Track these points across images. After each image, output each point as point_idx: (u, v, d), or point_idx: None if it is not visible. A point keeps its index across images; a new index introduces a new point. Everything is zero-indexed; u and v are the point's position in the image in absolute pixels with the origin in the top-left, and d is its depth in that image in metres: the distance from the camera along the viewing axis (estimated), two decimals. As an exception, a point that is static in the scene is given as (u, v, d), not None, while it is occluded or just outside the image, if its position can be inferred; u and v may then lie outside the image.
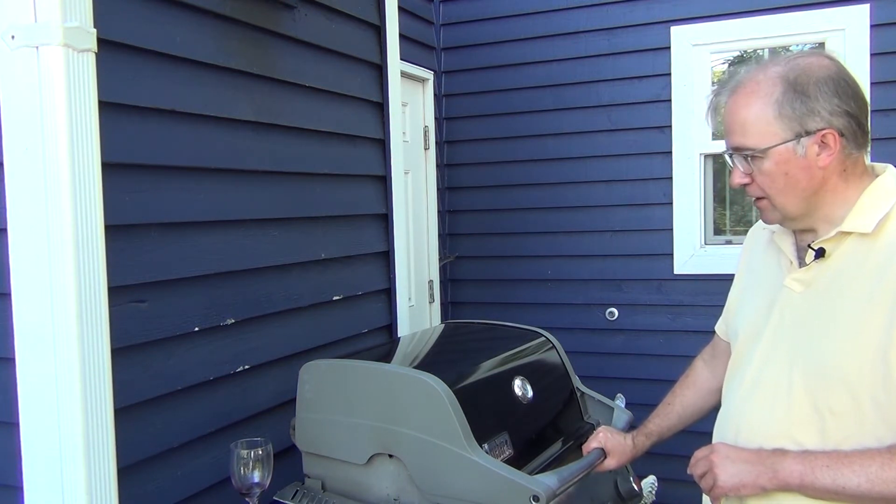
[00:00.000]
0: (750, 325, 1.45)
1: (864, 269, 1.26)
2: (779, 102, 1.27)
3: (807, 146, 1.27)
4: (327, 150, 2.54)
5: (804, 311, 1.33)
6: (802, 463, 1.27)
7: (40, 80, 1.51)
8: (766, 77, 1.29)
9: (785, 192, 1.31)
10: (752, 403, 1.39)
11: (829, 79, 1.26)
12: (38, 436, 1.57)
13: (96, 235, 1.58)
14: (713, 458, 1.37)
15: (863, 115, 1.28)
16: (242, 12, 2.12)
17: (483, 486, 1.63)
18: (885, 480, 1.20)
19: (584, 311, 3.81)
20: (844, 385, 1.25)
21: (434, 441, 1.68)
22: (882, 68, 3.34)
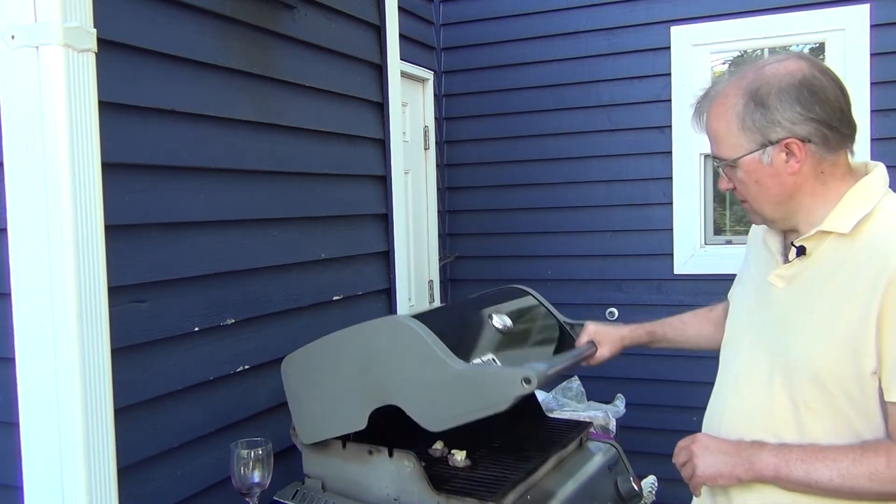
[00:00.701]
0: (738, 318, 1.49)
1: (841, 268, 1.28)
2: (740, 116, 1.31)
3: (772, 155, 1.30)
4: (327, 150, 2.54)
5: (784, 307, 1.36)
6: (777, 456, 1.30)
7: (40, 80, 1.51)
8: (733, 90, 1.33)
9: (758, 199, 1.36)
10: (734, 395, 1.42)
11: (791, 87, 1.28)
12: (38, 436, 1.57)
13: (96, 235, 1.58)
14: (693, 447, 1.41)
15: (834, 118, 1.28)
16: (242, 12, 2.12)
17: (477, 389, 1.60)
18: (856, 476, 1.23)
19: (584, 311, 3.81)
20: (818, 380, 1.28)
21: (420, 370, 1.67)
22: (882, 68, 3.34)
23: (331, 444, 1.88)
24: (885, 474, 1.22)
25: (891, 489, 1.23)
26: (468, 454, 1.98)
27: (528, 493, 1.85)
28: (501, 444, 2.11)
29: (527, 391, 1.52)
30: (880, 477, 1.22)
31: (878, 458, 1.23)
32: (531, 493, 1.86)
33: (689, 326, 1.83)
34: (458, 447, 2.02)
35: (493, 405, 1.58)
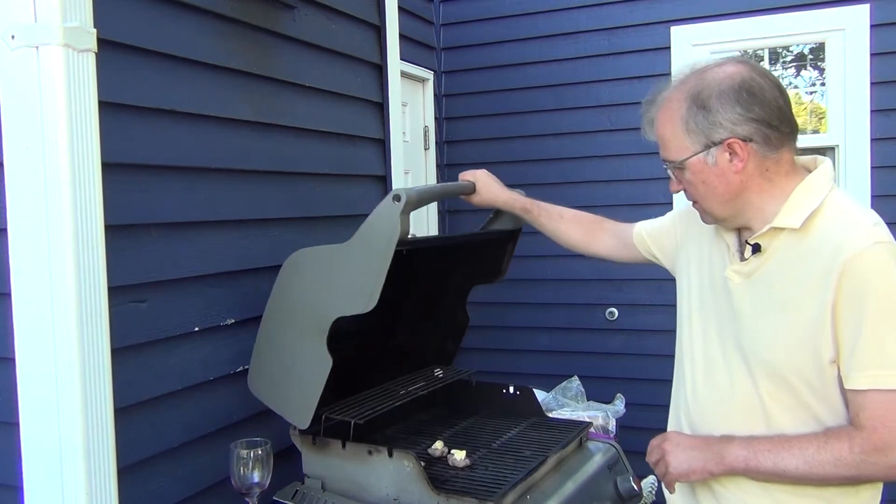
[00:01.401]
0: (693, 313, 1.53)
1: (795, 262, 1.34)
2: (684, 119, 1.37)
3: (716, 156, 1.35)
4: (327, 150, 2.54)
5: (743, 303, 1.40)
6: (746, 448, 1.35)
7: (40, 80, 1.51)
8: (676, 95, 1.39)
9: (706, 198, 1.41)
10: (702, 391, 1.47)
11: (730, 89, 1.33)
12: (38, 436, 1.57)
13: (96, 235, 1.58)
14: (665, 445, 1.46)
15: (773, 118, 1.33)
16: (242, 12, 2.12)
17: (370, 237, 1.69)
18: (821, 462, 1.28)
19: (584, 311, 3.81)
20: (780, 372, 1.34)
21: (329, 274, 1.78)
22: (882, 68, 3.34)
23: (331, 444, 1.89)
24: (848, 459, 1.27)
25: (855, 473, 1.28)
26: (468, 454, 1.98)
27: (528, 493, 1.85)
28: (501, 445, 2.11)
29: (401, 206, 1.64)
30: (844, 462, 1.27)
31: (841, 443, 1.28)
32: (531, 493, 1.87)
33: (563, 223, 1.96)
34: (458, 447, 2.02)
35: (390, 237, 1.66)
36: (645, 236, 1.78)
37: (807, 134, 3.72)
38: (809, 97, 3.78)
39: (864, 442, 1.26)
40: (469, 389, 2.41)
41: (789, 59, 3.83)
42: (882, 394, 1.25)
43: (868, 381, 1.26)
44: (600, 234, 1.92)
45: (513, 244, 2.25)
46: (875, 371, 1.25)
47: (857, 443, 1.26)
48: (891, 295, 1.25)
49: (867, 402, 1.26)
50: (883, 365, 1.25)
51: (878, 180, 3.39)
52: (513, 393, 2.37)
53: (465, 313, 2.41)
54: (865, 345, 1.25)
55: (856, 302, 1.25)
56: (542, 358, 3.88)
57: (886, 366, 1.25)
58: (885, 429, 1.25)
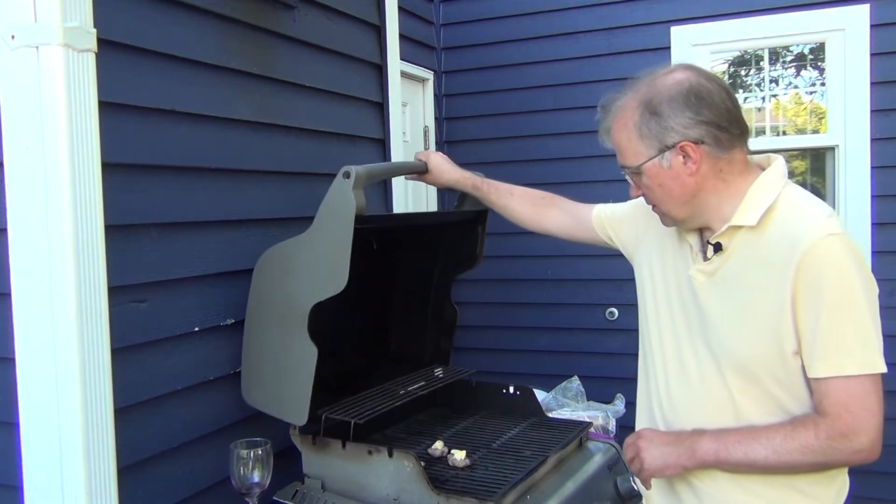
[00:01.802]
0: (659, 313, 1.56)
1: (753, 258, 1.38)
2: (637, 125, 1.42)
3: (670, 159, 1.40)
4: (327, 150, 2.53)
5: (707, 301, 1.44)
6: (717, 441, 1.39)
7: (40, 80, 1.51)
8: (629, 103, 1.45)
9: (664, 201, 1.45)
10: (675, 388, 1.50)
11: (679, 95, 1.38)
12: (37, 436, 1.57)
13: (96, 235, 1.58)
14: (639, 443, 1.50)
15: (722, 119, 1.38)
16: (242, 12, 2.12)
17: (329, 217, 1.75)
18: (789, 451, 1.32)
19: (584, 311, 3.81)
20: (746, 366, 1.38)
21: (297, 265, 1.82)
22: (882, 68, 3.34)
23: (331, 444, 1.89)
24: (814, 446, 1.30)
25: (821, 459, 1.32)
26: (468, 454, 1.98)
27: (528, 493, 1.85)
28: (501, 445, 2.11)
29: (351, 182, 1.70)
30: (811, 449, 1.31)
31: (807, 431, 1.31)
32: (531, 493, 1.87)
33: (513, 200, 2.03)
34: (458, 447, 2.02)
35: (346, 213, 1.71)
36: (604, 219, 1.82)
37: (807, 134, 3.72)
38: (809, 97, 3.78)
39: (828, 428, 1.30)
40: (469, 389, 2.41)
41: (789, 59, 3.83)
42: (843, 380, 1.29)
43: (829, 369, 1.30)
44: (551, 211, 1.98)
45: (482, 227, 2.28)
46: (835, 359, 1.29)
47: (822, 429, 1.30)
48: (846, 284, 1.29)
49: (830, 389, 1.30)
50: (843, 352, 1.29)
51: (878, 180, 3.39)
52: (513, 393, 2.37)
53: (453, 306, 2.43)
54: (825, 334, 1.29)
55: (813, 293, 1.29)
56: (542, 358, 3.88)
57: (846, 353, 1.29)
58: (848, 414, 1.29)
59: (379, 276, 2.39)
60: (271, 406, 1.90)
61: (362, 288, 2.15)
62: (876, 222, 3.39)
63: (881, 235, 3.38)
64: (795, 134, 3.78)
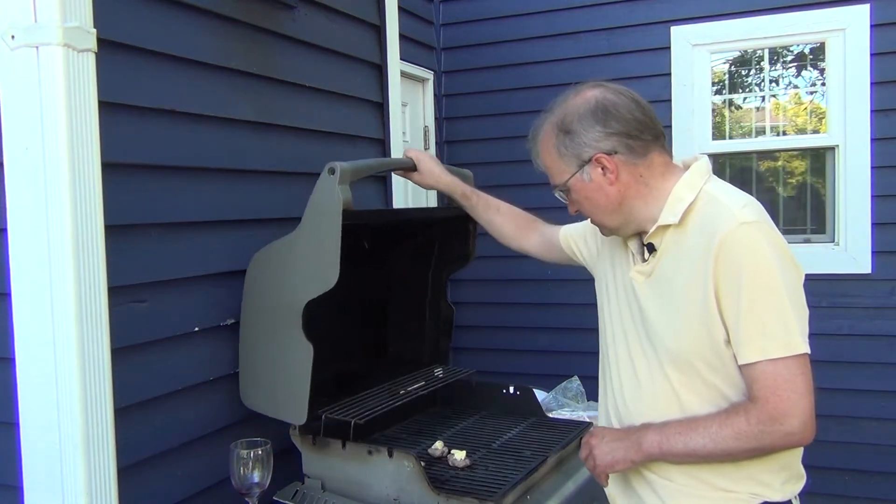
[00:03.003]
0: (611, 316, 1.61)
1: (680, 255, 1.43)
2: (556, 146, 1.50)
3: (590, 172, 1.47)
4: (327, 150, 2.53)
5: (646, 300, 1.49)
6: (660, 433, 1.43)
7: (40, 80, 1.51)
8: (548, 127, 1.52)
9: (595, 212, 1.53)
10: (626, 387, 1.54)
11: (587, 111, 1.45)
12: (37, 436, 1.57)
13: (96, 235, 1.58)
14: (591, 441, 1.55)
15: (633, 129, 1.44)
16: (242, 12, 2.12)
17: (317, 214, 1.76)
18: (724, 438, 1.35)
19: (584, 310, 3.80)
20: (683, 359, 1.42)
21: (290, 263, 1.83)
22: (882, 68, 3.34)
23: (330, 444, 1.89)
24: (746, 431, 1.33)
25: (755, 445, 1.35)
26: (468, 454, 1.98)
27: (528, 493, 1.86)
28: (501, 445, 2.11)
29: (337, 177, 1.71)
30: (744, 434, 1.33)
31: (739, 417, 1.34)
32: (531, 493, 1.87)
33: (499, 216, 2.06)
34: (458, 447, 2.02)
35: (333, 209, 1.72)
36: (569, 237, 1.89)
37: (807, 134, 3.72)
38: (809, 97, 3.78)
39: (759, 413, 1.32)
40: (469, 389, 2.41)
41: (789, 59, 3.83)
42: (770, 364, 1.32)
43: (755, 353, 1.33)
44: (531, 234, 2.03)
45: (473, 224, 2.27)
46: (759, 343, 1.33)
47: (752, 415, 1.33)
48: (762, 270, 1.33)
49: (757, 373, 1.33)
50: (765, 336, 1.32)
51: (878, 180, 3.39)
52: (513, 393, 2.38)
53: (449, 305, 2.43)
54: (746, 320, 1.33)
55: (732, 281, 1.33)
56: (542, 358, 3.88)
57: (768, 337, 1.32)
58: (776, 398, 1.31)
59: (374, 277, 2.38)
60: (270, 408, 1.90)
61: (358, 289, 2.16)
62: (876, 222, 3.39)
63: (881, 235, 3.38)
64: (795, 134, 3.78)
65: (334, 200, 1.72)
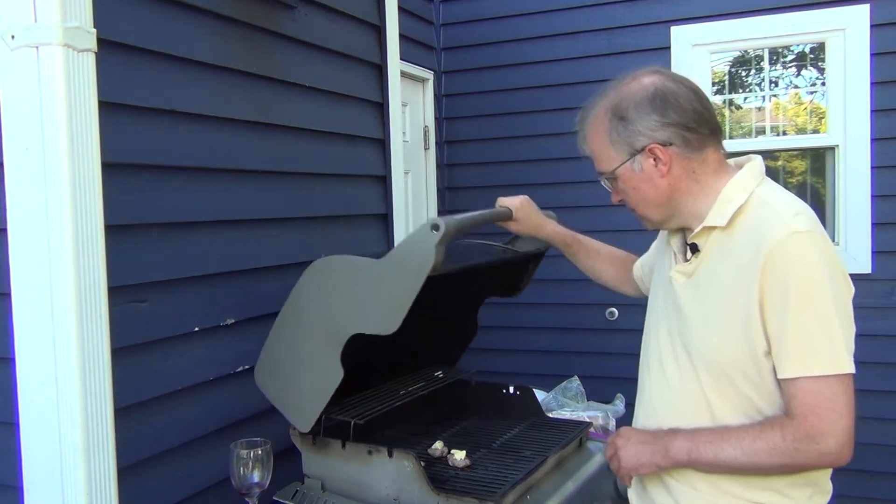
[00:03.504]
0: (651, 312, 1.58)
1: (725, 259, 1.38)
2: (607, 131, 1.45)
3: (641, 162, 1.42)
4: (327, 150, 2.54)
5: (685, 301, 1.45)
6: (689, 440, 1.39)
7: (40, 80, 1.51)
8: (600, 111, 1.47)
9: (640, 204, 1.48)
10: (653, 388, 1.52)
11: (645, 99, 1.40)
12: (37, 436, 1.57)
13: (96, 235, 1.58)
14: (617, 441, 1.51)
15: (690, 121, 1.39)
16: (242, 12, 2.12)
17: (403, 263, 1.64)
18: (756, 452, 1.31)
19: (584, 310, 3.81)
20: (719, 367, 1.38)
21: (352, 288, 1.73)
22: (882, 68, 3.34)
23: (330, 444, 1.89)
24: (781, 447, 1.29)
25: (788, 461, 1.31)
26: (468, 454, 1.98)
27: (527, 493, 1.85)
28: (501, 445, 2.11)
29: (439, 236, 1.58)
30: (778, 450, 1.30)
31: (774, 432, 1.30)
32: (531, 493, 1.87)
33: (599, 260, 1.99)
34: (458, 447, 2.02)
35: (423, 263, 1.61)
36: (638, 269, 1.86)
37: (807, 134, 3.72)
38: (809, 97, 3.78)
39: (795, 430, 1.28)
40: (469, 389, 2.41)
41: (789, 59, 3.83)
42: (811, 381, 1.28)
43: (797, 369, 1.29)
44: (627, 275, 1.94)
45: (535, 264, 2.22)
46: (802, 359, 1.28)
47: (788, 431, 1.29)
48: (812, 282, 1.28)
49: (797, 390, 1.29)
50: (810, 352, 1.28)
51: (878, 180, 3.39)
52: (513, 393, 2.37)
53: (475, 324, 2.40)
54: (792, 334, 1.28)
55: (779, 293, 1.28)
56: (542, 358, 3.88)
57: (813, 352, 1.28)
58: (814, 416, 1.27)
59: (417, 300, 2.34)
60: (280, 401, 1.89)
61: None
62: (876, 222, 3.39)
63: (881, 235, 3.38)
64: (795, 134, 3.78)
65: (427, 259, 1.62)
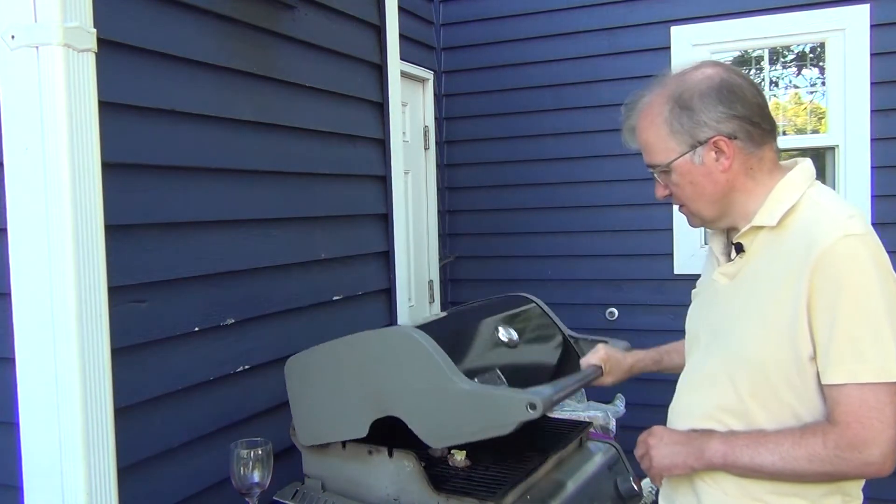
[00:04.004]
0: (692, 322, 1.55)
1: (773, 260, 1.34)
2: (668, 121, 1.38)
3: (703, 155, 1.37)
4: (327, 150, 2.54)
5: (728, 303, 1.42)
6: (725, 443, 1.35)
7: (40, 80, 1.51)
8: (657, 99, 1.40)
9: (695, 199, 1.42)
10: (689, 391, 1.48)
11: (710, 89, 1.35)
12: (37, 436, 1.57)
13: (96, 235, 1.58)
14: (649, 440, 1.47)
15: (755, 115, 1.36)
16: (242, 12, 2.12)
17: (480, 410, 1.59)
18: (796, 458, 1.28)
19: (584, 311, 3.81)
20: (761, 370, 1.33)
21: (424, 387, 1.66)
22: (882, 68, 3.34)
23: (330, 445, 1.88)
24: (822, 455, 1.26)
25: (829, 469, 1.27)
26: (468, 454, 1.98)
27: (527, 493, 1.85)
28: (501, 444, 2.11)
29: (532, 417, 1.51)
30: (818, 457, 1.26)
31: (816, 439, 1.27)
32: (531, 493, 1.86)
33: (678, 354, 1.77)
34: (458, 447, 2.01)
35: (497, 428, 1.58)
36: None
37: (807, 134, 3.72)
38: (809, 97, 3.78)
39: (838, 438, 1.25)
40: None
41: (789, 59, 3.83)
42: (857, 388, 1.24)
43: (844, 375, 1.25)
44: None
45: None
46: (850, 365, 1.24)
47: (830, 438, 1.25)
48: (863, 286, 1.25)
49: (842, 397, 1.25)
50: (858, 359, 1.24)
51: (878, 180, 3.39)
52: (513, 393, 2.36)
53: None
54: (840, 339, 1.24)
55: (829, 296, 1.25)
56: (542, 358, 3.87)
57: (861, 360, 1.24)
58: (858, 424, 1.24)
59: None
60: (295, 405, 1.90)
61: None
62: (876, 222, 3.38)
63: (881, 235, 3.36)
64: (795, 134, 3.78)
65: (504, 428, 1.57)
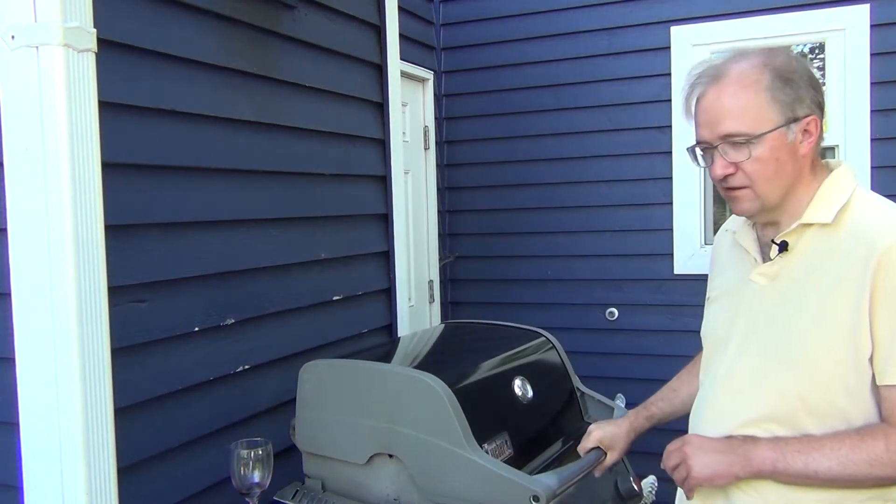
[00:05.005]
0: (720, 325, 1.47)
1: (827, 258, 1.29)
2: (770, 89, 1.29)
3: (795, 132, 1.29)
4: (327, 150, 2.54)
5: (772, 304, 1.35)
6: (774, 450, 1.28)
7: (40, 80, 1.51)
8: (752, 66, 1.31)
9: (772, 179, 1.31)
10: (723, 395, 1.40)
11: (804, 70, 1.31)
12: (37, 436, 1.57)
13: (96, 235, 1.58)
14: (686, 449, 1.37)
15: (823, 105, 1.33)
16: (242, 12, 2.12)
17: (483, 486, 1.63)
18: (856, 462, 1.22)
19: (584, 311, 3.81)
20: (815, 372, 1.27)
21: (434, 441, 1.68)
22: (882, 68, 3.34)
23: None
24: (884, 458, 1.21)
25: (891, 473, 1.22)
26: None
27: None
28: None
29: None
30: (881, 461, 1.21)
31: (877, 442, 1.22)
32: (531, 493, 1.86)
33: (680, 392, 1.74)
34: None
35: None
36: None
37: (807, 134, 3.71)
38: (809, 97, 3.78)
39: None
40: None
41: (789, 59, 3.83)
42: None
43: None
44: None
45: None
46: None
47: (893, 441, 1.21)
48: None
49: None
50: None
51: (878, 180, 3.38)
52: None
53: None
54: None
55: (892, 295, 1.21)
56: (542, 358, 3.87)
57: None
58: None
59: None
60: (301, 407, 1.92)
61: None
62: (876, 222, 3.38)
63: (881, 235, 3.37)
64: (795, 134, 3.77)
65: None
